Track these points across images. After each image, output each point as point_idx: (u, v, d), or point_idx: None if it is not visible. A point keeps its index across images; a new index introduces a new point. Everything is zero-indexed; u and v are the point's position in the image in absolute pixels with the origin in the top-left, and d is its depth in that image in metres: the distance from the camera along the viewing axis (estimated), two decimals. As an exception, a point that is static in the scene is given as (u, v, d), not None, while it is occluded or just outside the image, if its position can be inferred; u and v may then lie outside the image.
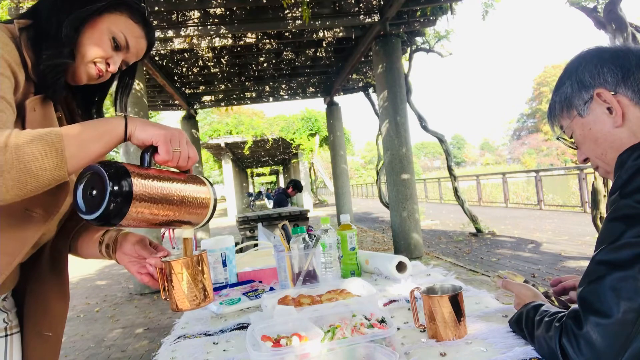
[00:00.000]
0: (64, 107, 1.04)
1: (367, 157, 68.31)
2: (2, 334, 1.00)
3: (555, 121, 0.95)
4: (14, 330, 1.02)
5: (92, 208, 0.75)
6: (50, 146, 0.74)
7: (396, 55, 6.36)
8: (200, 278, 0.91)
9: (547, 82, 63.14)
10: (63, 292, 1.08)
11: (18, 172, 0.70)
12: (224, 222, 17.63)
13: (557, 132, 0.95)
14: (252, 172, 40.50)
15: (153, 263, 0.96)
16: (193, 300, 0.90)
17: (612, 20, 4.36)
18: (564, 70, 0.92)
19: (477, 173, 18.79)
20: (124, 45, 0.98)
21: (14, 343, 1.02)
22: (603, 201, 4.55)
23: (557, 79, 0.94)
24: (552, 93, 0.95)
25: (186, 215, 0.85)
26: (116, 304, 5.62)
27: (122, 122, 0.82)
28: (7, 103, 0.80)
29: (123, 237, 1.04)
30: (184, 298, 0.90)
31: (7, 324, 1.01)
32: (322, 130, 16.47)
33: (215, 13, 6.14)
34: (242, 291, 1.45)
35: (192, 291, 0.90)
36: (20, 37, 0.89)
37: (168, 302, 0.92)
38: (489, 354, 0.87)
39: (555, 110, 0.94)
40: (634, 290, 0.68)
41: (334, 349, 0.86)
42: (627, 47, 0.86)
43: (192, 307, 0.90)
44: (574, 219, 9.13)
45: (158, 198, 0.79)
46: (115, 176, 0.74)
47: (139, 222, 0.79)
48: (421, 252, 6.29)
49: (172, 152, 0.82)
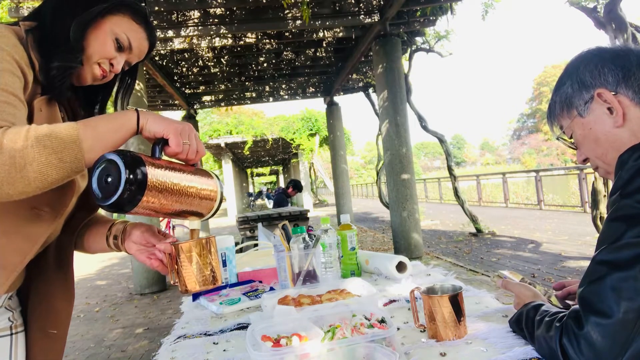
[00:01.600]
0: (66, 107, 1.06)
1: (367, 157, 68.33)
2: (7, 333, 1.00)
3: (555, 121, 0.95)
4: (18, 329, 1.03)
5: (107, 194, 0.77)
6: (69, 139, 0.76)
7: (396, 55, 6.36)
8: (208, 260, 0.93)
9: (547, 82, 63.14)
10: (68, 290, 1.08)
11: (39, 164, 0.73)
12: (224, 222, 17.63)
13: (557, 132, 0.95)
14: (252, 172, 40.51)
15: (162, 248, 0.96)
16: (202, 281, 0.92)
17: (612, 20, 4.36)
18: (565, 70, 0.92)
19: (477, 173, 18.80)
20: (127, 46, 1.00)
21: (19, 342, 1.02)
22: (603, 201, 4.55)
23: (558, 78, 0.94)
24: (552, 93, 0.95)
25: (195, 206, 0.87)
26: (116, 304, 5.62)
27: (135, 115, 0.85)
28: (20, 101, 0.82)
29: (132, 226, 1.05)
30: (193, 279, 0.92)
31: (12, 323, 1.01)
32: (322, 130, 16.47)
33: (215, 13, 6.14)
34: (242, 291, 1.45)
35: (201, 272, 0.92)
36: (27, 38, 0.91)
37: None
38: (489, 354, 0.87)
39: (555, 110, 0.94)
40: (635, 290, 0.68)
41: (334, 349, 0.86)
42: (628, 48, 0.86)
43: (200, 288, 0.92)
44: (574, 219, 9.13)
45: (170, 188, 0.81)
46: (131, 164, 0.76)
47: (150, 211, 0.81)
48: (421, 252, 6.29)
49: (182, 144, 0.84)
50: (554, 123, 0.95)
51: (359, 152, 70.08)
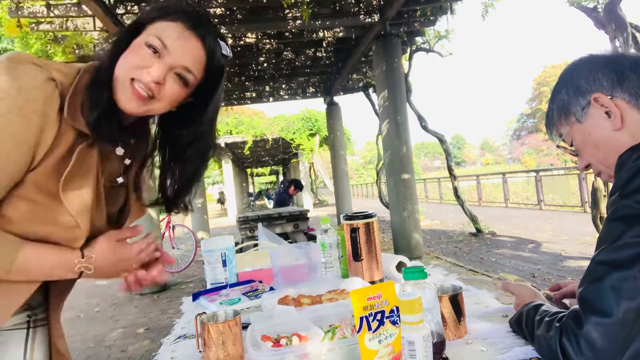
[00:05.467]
0: (127, 149, 1.00)
1: (367, 157, 68.30)
2: (23, 327, 0.98)
3: (553, 129, 0.95)
4: (38, 323, 1.01)
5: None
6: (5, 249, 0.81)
7: (396, 55, 6.36)
8: None
9: (547, 82, 63.17)
10: None
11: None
12: (224, 222, 17.63)
13: (557, 140, 0.95)
14: (252, 172, 40.50)
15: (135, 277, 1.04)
16: None
17: (612, 20, 4.35)
18: (559, 78, 0.92)
19: (477, 173, 18.80)
20: (161, 46, 0.85)
21: (37, 335, 1.00)
22: (603, 201, 4.55)
23: (552, 88, 0.94)
24: (549, 102, 0.95)
25: None
26: (116, 304, 5.62)
27: (75, 265, 0.88)
28: None
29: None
30: None
31: (30, 318, 1.00)
32: (322, 130, 16.47)
33: (215, 13, 6.14)
34: (242, 291, 1.45)
35: None
36: (78, 80, 0.86)
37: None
38: (489, 354, 0.87)
39: (553, 118, 0.93)
40: (634, 290, 0.68)
41: (334, 349, 0.86)
42: (620, 53, 0.87)
43: None
44: (574, 219, 9.13)
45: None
46: None
47: None
48: (421, 252, 6.29)
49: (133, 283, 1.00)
50: (553, 131, 0.95)
51: (359, 152, 70.10)
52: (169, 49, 0.85)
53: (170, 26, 0.86)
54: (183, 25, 0.87)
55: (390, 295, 0.74)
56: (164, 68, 0.85)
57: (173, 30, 0.86)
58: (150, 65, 0.84)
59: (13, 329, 0.96)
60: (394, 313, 0.74)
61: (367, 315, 0.73)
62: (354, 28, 6.88)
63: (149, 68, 0.84)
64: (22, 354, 0.96)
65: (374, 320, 0.73)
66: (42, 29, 5.68)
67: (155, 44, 0.84)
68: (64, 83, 0.84)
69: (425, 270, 0.82)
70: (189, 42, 0.87)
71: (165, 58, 0.85)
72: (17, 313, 0.94)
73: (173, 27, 0.86)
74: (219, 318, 0.99)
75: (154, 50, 0.85)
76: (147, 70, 0.84)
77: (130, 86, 0.85)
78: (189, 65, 0.87)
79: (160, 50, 0.85)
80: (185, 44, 0.86)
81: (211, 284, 1.54)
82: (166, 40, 0.85)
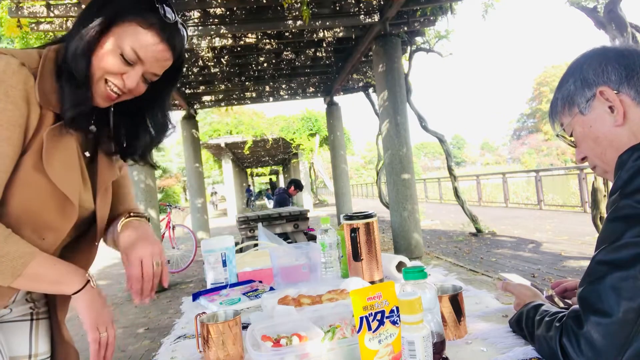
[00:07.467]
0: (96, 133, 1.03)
1: (367, 157, 68.27)
2: (27, 318, 1.06)
3: (556, 118, 0.95)
4: (40, 316, 1.08)
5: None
6: (16, 256, 0.84)
7: (396, 55, 6.36)
8: None
9: (547, 82, 63.15)
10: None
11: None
12: (224, 222, 17.63)
13: (557, 129, 0.95)
14: (252, 172, 40.49)
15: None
16: None
17: (612, 20, 4.36)
18: (568, 67, 0.92)
19: (477, 173, 18.79)
20: (135, 59, 0.90)
21: (40, 327, 1.07)
22: (603, 201, 4.56)
23: (561, 77, 0.94)
24: (555, 91, 0.95)
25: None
26: (116, 304, 5.62)
27: (77, 287, 0.95)
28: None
29: (124, 229, 1.06)
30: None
31: (33, 311, 1.07)
32: (322, 130, 16.46)
33: (215, 13, 6.13)
34: (242, 291, 1.45)
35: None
36: (43, 64, 0.88)
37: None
38: (489, 354, 0.87)
39: (557, 107, 0.94)
40: (635, 290, 0.68)
41: (334, 349, 0.86)
42: (633, 48, 0.86)
43: None
44: (574, 219, 9.13)
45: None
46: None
47: None
48: (421, 252, 6.29)
49: (99, 337, 1.02)
50: (555, 120, 0.95)
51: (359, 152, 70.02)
52: (142, 60, 0.91)
53: (144, 36, 0.89)
54: (157, 37, 0.91)
55: (390, 295, 0.74)
56: (137, 76, 0.92)
57: (147, 41, 0.90)
58: (125, 72, 0.91)
59: (19, 320, 1.04)
60: (394, 313, 0.74)
61: (367, 315, 0.73)
62: (353, 28, 6.88)
63: (123, 75, 0.91)
64: (27, 342, 1.05)
65: (374, 320, 0.73)
66: (42, 29, 5.68)
67: (130, 57, 0.89)
68: (32, 68, 0.87)
69: (425, 270, 0.82)
70: (163, 54, 0.93)
71: (137, 66, 0.91)
72: (20, 305, 1.02)
73: (147, 37, 0.90)
74: (219, 318, 0.99)
75: (129, 62, 0.90)
76: (121, 77, 0.91)
77: (105, 87, 0.91)
78: (158, 73, 0.96)
79: (134, 62, 0.91)
80: (158, 56, 0.92)
81: (211, 284, 1.54)
82: (140, 51, 0.89)
